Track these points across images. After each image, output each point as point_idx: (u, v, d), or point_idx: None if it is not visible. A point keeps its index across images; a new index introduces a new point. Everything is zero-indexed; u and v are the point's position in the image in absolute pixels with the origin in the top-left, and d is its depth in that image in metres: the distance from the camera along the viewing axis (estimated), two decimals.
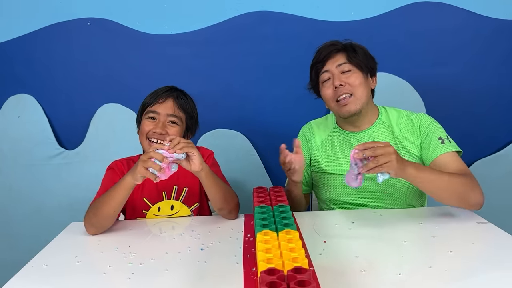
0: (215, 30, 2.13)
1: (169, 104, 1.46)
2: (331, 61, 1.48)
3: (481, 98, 2.17)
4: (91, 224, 1.31)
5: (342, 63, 1.46)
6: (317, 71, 1.51)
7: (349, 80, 1.45)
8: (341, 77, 1.45)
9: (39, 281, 1.03)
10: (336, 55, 1.48)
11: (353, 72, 1.46)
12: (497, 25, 2.11)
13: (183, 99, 1.50)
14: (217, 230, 1.32)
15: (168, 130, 1.44)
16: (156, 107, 1.45)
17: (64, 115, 2.21)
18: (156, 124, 1.43)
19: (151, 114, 1.45)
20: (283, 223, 1.10)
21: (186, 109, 1.50)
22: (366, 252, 1.11)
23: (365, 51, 1.51)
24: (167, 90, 1.49)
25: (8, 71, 2.17)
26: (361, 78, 1.46)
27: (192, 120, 1.54)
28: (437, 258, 1.06)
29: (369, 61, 1.50)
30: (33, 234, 2.20)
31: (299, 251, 0.94)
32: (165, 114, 1.45)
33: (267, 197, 1.33)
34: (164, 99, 1.46)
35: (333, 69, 1.47)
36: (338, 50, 1.48)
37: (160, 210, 1.50)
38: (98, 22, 2.13)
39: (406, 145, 1.48)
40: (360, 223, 1.33)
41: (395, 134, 1.50)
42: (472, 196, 1.30)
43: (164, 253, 1.16)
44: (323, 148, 1.59)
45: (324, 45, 1.53)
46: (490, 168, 2.18)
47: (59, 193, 2.22)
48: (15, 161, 2.22)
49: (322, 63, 1.49)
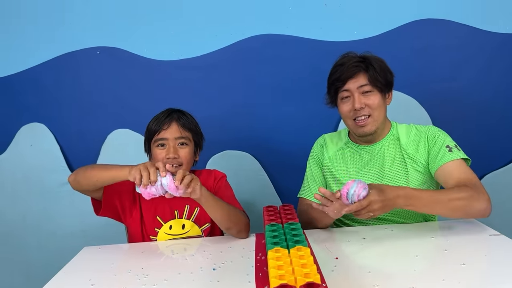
0: (221, 54, 2.17)
1: (174, 128, 1.51)
2: (352, 81, 1.47)
3: (488, 111, 2.17)
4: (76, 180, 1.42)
5: (364, 85, 1.46)
6: (337, 88, 1.50)
7: (369, 101, 1.46)
8: (361, 98, 1.45)
9: None
10: (357, 74, 1.47)
11: (373, 93, 1.47)
12: (499, 39, 2.13)
13: (185, 119, 1.54)
14: (228, 250, 1.33)
15: (179, 153, 1.49)
16: (162, 134, 1.50)
17: (76, 142, 2.25)
18: (167, 150, 1.48)
19: (160, 142, 1.50)
20: (294, 240, 1.11)
21: (191, 128, 1.55)
22: (379, 267, 1.11)
23: (385, 66, 1.51)
24: (168, 115, 1.53)
25: (21, 101, 2.23)
26: (379, 99, 1.48)
27: (198, 136, 1.59)
28: (450, 271, 1.05)
29: (387, 77, 1.50)
30: (47, 261, 2.22)
31: (311, 267, 0.94)
32: (173, 139, 1.49)
33: (277, 215, 1.34)
34: (168, 124, 1.50)
35: (354, 89, 1.47)
36: (360, 70, 1.47)
37: (172, 228, 1.52)
38: (107, 50, 2.18)
39: (412, 155, 1.49)
40: (371, 239, 1.33)
41: (401, 145, 1.52)
42: (477, 207, 1.30)
43: (177, 274, 1.16)
44: (335, 160, 1.60)
45: (344, 59, 1.50)
46: (502, 181, 2.17)
47: (71, 219, 2.24)
48: (28, 189, 2.25)
49: (342, 82, 1.48)
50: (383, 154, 1.52)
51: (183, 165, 1.50)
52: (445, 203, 1.27)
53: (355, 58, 1.50)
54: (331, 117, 2.12)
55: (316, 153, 1.66)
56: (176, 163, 1.47)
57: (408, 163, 1.49)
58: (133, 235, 1.56)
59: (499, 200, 2.17)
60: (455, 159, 1.41)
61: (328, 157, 1.62)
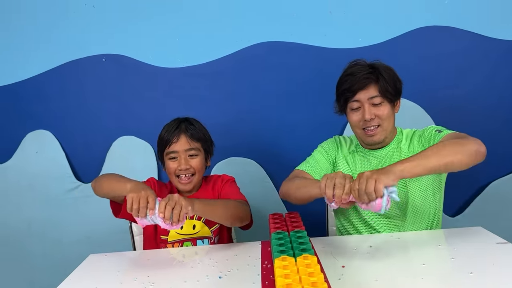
0: (226, 61, 2.19)
1: (183, 141, 1.56)
2: (363, 93, 1.46)
3: (493, 117, 2.17)
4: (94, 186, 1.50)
5: (374, 96, 1.45)
6: (347, 99, 1.49)
7: (379, 112, 1.46)
8: (371, 109, 1.45)
9: None
10: (369, 85, 1.46)
11: (383, 104, 1.47)
12: (504, 46, 2.14)
13: (193, 129, 1.58)
14: (234, 258, 1.33)
15: (191, 164, 1.56)
16: (173, 147, 1.55)
17: (81, 149, 2.26)
18: (179, 162, 1.55)
19: (172, 155, 1.56)
20: (300, 249, 1.10)
21: (200, 137, 1.59)
22: (386, 275, 1.10)
23: (394, 75, 1.50)
24: (176, 127, 1.56)
25: (26, 108, 2.24)
26: (389, 109, 1.48)
27: (207, 143, 1.63)
28: (458, 280, 1.05)
29: (397, 86, 1.49)
30: (52, 268, 2.22)
31: (318, 276, 0.94)
32: (183, 151, 1.55)
33: (283, 223, 1.34)
34: (177, 137, 1.55)
35: (365, 100, 1.46)
36: (371, 81, 1.46)
37: (183, 229, 1.55)
38: (112, 58, 2.20)
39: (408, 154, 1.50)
40: (378, 247, 1.32)
41: (401, 147, 1.53)
42: (469, 146, 1.28)
43: (183, 282, 1.16)
44: (346, 161, 1.60)
45: (353, 69, 1.48)
46: (508, 188, 2.16)
47: (77, 226, 2.25)
48: (33, 196, 2.26)
49: (353, 93, 1.46)
50: (389, 158, 1.53)
51: (195, 174, 1.58)
52: (437, 151, 1.23)
53: (365, 67, 1.49)
54: (336, 124, 2.13)
55: (329, 147, 1.64)
56: (188, 173, 1.56)
57: None
58: (147, 235, 1.60)
59: (506, 207, 2.18)
60: (445, 134, 1.41)
61: (343, 156, 1.61)
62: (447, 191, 2.19)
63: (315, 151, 1.66)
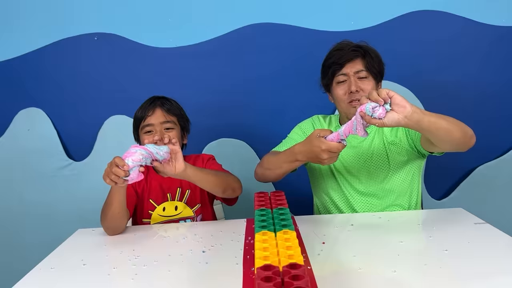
0: (218, 42, 2.19)
1: (158, 113, 1.55)
2: (350, 66, 1.52)
3: (482, 103, 2.19)
4: (106, 227, 1.41)
5: (360, 70, 1.51)
6: (334, 71, 1.54)
7: (364, 86, 1.50)
8: (357, 82, 1.50)
9: (46, 283, 1.07)
10: (355, 59, 1.52)
11: (368, 79, 1.52)
12: (495, 32, 2.15)
13: (168, 104, 1.58)
14: (219, 234, 1.36)
15: None
16: (148, 120, 1.54)
17: (73, 128, 2.27)
18: (154, 135, 1.51)
19: (147, 128, 1.54)
20: (281, 224, 1.13)
21: (175, 112, 1.59)
22: (364, 252, 1.14)
23: (378, 56, 1.57)
24: (151, 102, 1.57)
25: (19, 86, 2.24)
26: (373, 85, 1.53)
27: (183, 119, 1.62)
28: (432, 256, 1.08)
29: (380, 67, 1.56)
30: (44, 244, 2.22)
31: (295, 249, 0.96)
32: (158, 123, 1.53)
33: (267, 201, 1.37)
34: (152, 110, 1.55)
35: (351, 73, 1.51)
36: (357, 55, 1.52)
37: (165, 210, 1.58)
38: (105, 36, 2.20)
39: (391, 140, 1.54)
40: (359, 225, 1.35)
41: (384, 131, 1.56)
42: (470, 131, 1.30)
43: (167, 256, 1.19)
44: None
45: (341, 45, 1.56)
46: (493, 173, 2.20)
47: (68, 203, 2.27)
48: (25, 173, 2.27)
49: (340, 66, 1.52)
50: (370, 139, 1.56)
51: None
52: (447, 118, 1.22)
53: (352, 44, 1.56)
54: (327, 107, 2.13)
55: (305, 127, 1.69)
56: None
57: (388, 147, 1.54)
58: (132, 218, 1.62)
59: (491, 191, 2.21)
60: None
61: None
62: (435, 175, 2.24)
63: (292, 131, 1.70)
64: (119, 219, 1.38)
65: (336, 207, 1.59)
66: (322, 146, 1.26)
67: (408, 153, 1.52)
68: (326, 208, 1.62)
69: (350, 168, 1.56)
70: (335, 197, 1.59)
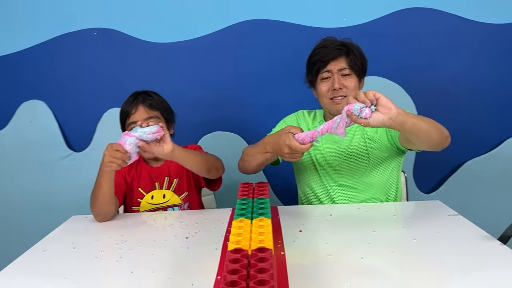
0: (214, 37, 2.25)
1: (141, 110, 1.59)
2: (334, 63, 1.57)
3: (472, 99, 2.24)
4: (95, 213, 1.49)
5: (344, 68, 1.56)
6: (318, 69, 1.59)
7: (346, 83, 1.56)
8: (340, 80, 1.55)
9: (37, 263, 1.16)
10: (339, 58, 1.57)
11: (351, 77, 1.57)
12: (486, 29, 2.19)
13: (150, 99, 1.62)
14: (204, 222, 1.42)
15: None
16: (132, 118, 1.58)
17: (73, 120, 2.35)
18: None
19: (132, 125, 1.55)
20: (258, 212, 1.19)
21: (157, 106, 1.62)
22: (336, 239, 1.20)
23: (361, 53, 1.61)
24: (133, 100, 1.61)
25: (21, 79, 2.32)
26: (355, 82, 1.58)
27: (166, 112, 1.66)
28: (400, 245, 1.14)
29: (363, 64, 1.61)
30: (44, 232, 2.32)
31: (267, 235, 1.03)
32: (142, 120, 1.55)
33: (250, 191, 1.43)
34: (135, 108, 1.59)
35: (335, 71, 1.56)
36: (341, 54, 1.57)
37: (153, 198, 1.65)
38: (104, 32, 2.27)
39: (371, 136, 1.59)
40: (337, 215, 1.41)
41: (365, 128, 1.60)
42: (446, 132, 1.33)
43: (152, 241, 1.27)
44: None
45: (326, 42, 1.60)
46: (482, 168, 2.25)
47: (68, 193, 2.35)
48: (27, 163, 2.36)
49: (324, 64, 1.57)
50: (352, 134, 1.62)
51: None
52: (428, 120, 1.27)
53: (336, 42, 1.61)
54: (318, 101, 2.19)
55: (289, 122, 1.74)
56: None
57: (368, 143, 1.59)
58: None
59: (478, 185, 2.26)
60: None
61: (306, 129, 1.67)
62: (424, 169, 2.29)
63: (277, 125, 1.75)
64: (107, 205, 1.46)
65: (317, 198, 1.65)
66: (286, 141, 1.31)
67: (388, 150, 1.58)
68: (308, 199, 1.68)
69: (332, 162, 1.62)
70: (317, 189, 1.65)
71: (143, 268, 1.08)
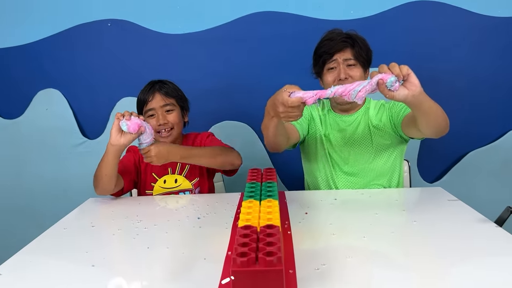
0: (224, 29, 2.31)
1: (158, 98, 1.68)
2: (340, 54, 1.63)
3: (476, 92, 2.29)
4: (96, 185, 1.58)
5: (349, 59, 1.63)
6: (325, 60, 1.66)
7: (351, 73, 1.62)
8: (346, 70, 1.62)
9: (59, 239, 1.24)
10: (345, 49, 1.64)
11: (356, 66, 1.64)
12: (491, 22, 2.22)
13: (166, 87, 1.71)
14: (215, 205, 1.50)
15: (168, 119, 1.69)
16: (149, 105, 1.68)
17: (87, 108, 2.44)
18: (157, 118, 1.68)
19: (150, 112, 1.69)
20: (267, 195, 1.26)
21: (173, 94, 1.71)
22: (340, 221, 1.27)
23: (366, 44, 1.67)
24: (150, 88, 1.70)
25: (38, 68, 2.41)
26: (361, 72, 1.64)
27: (182, 99, 1.75)
28: (400, 227, 1.21)
29: (368, 55, 1.67)
30: (60, 215, 2.41)
31: (275, 214, 1.10)
32: (159, 107, 1.68)
33: (259, 176, 1.50)
34: (151, 96, 1.68)
35: (340, 61, 1.63)
36: (347, 45, 1.63)
37: (166, 182, 1.73)
38: (117, 23, 2.34)
39: (376, 124, 1.66)
40: (342, 200, 1.48)
41: (369, 115, 1.68)
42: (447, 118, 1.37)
43: (166, 221, 1.34)
44: (319, 119, 1.76)
45: (332, 35, 1.66)
46: (484, 159, 2.30)
47: (82, 178, 2.43)
48: (43, 150, 2.46)
49: (330, 55, 1.64)
50: (357, 123, 1.68)
51: (174, 128, 1.70)
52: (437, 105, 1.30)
53: (342, 34, 1.67)
54: None
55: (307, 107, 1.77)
56: (167, 127, 1.68)
57: (373, 131, 1.66)
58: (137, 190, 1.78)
59: (481, 175, 2.31)
60: None
61: (317, 114, 1.77)
62: (428, 159, 2.35)
63: None
64: (108, 180, 1.54)
65: (324, 185, 1.72)
66: (279, 99, 1.24)
67: (391, 137, 1.64)
68: (314, 185, 1.75)
69: (338, 150, 1.69)
70: (322, 176, 1.72)
71: (158, 244, 1.15)
